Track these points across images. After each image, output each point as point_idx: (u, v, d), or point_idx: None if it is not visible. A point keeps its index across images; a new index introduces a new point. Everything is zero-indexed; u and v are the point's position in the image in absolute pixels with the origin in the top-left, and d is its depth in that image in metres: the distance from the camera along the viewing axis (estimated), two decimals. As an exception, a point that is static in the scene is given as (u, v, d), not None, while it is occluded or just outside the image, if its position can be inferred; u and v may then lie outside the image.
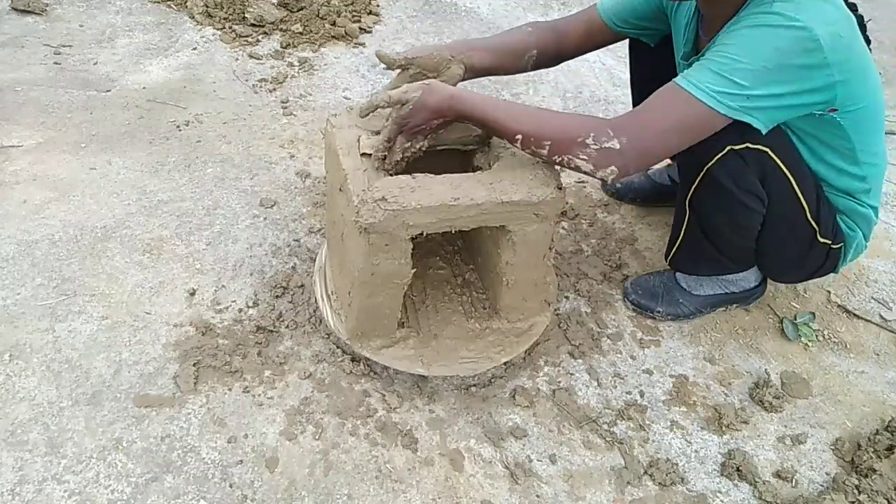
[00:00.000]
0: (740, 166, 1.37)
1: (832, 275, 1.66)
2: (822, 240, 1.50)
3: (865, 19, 1.37)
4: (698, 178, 1.43)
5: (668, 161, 2.05)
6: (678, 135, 1.28)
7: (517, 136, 1.31)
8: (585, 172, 1.29)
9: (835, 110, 1.33)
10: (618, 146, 1.25)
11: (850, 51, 1.26)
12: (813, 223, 1.47)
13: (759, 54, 1.22)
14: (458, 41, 1.59)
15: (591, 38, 1.68)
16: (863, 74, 1.32)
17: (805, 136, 1.40)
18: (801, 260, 1.57)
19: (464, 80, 1.53)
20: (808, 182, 1.44)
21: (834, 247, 1.53)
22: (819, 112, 1.33)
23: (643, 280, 1.78)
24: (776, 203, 1.43)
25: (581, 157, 1.27)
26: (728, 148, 1.34)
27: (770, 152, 1.36)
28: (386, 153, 1.37)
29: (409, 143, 1.36)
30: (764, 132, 1.30)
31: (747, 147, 1.33)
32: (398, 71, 1.50)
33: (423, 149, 1.40)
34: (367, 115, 1.39)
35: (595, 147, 1.25)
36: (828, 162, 1.44)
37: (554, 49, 1.65)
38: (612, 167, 1.26)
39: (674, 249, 1.65)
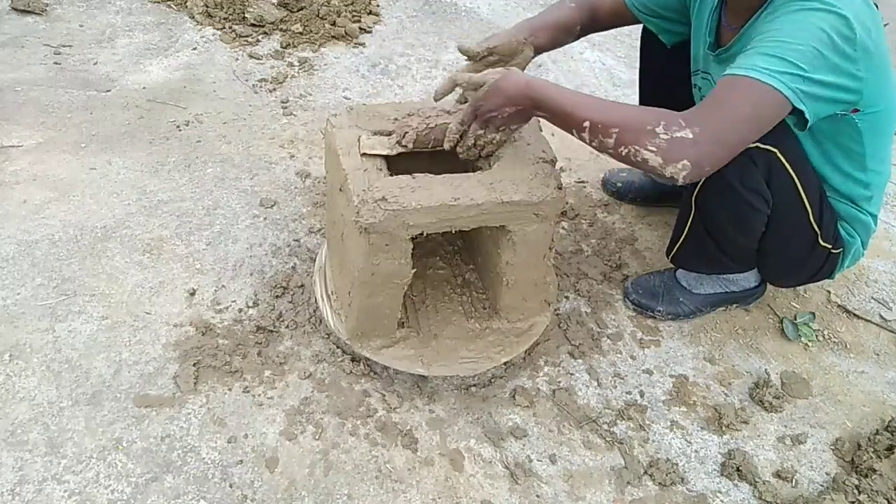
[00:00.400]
0: (748, 166, 1.36)
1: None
2: (822, 244, 1.50)
3: (883, 22, 1.36)
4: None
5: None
6: (751, 123, 1.20)
7: (585, 124, 1.23)
8: (654, 167, 1.17)
9: (857, 111, 1.32)
10: (691, 136, 1.15)
11: (875, 48, 1.24)
12: (815, 227, 1.47)
13: (808, 35, 1.18)
14: (523, 23, 1.60)
15: (619, 18, 1.69)
16: (884, 76, 1.31)
17: (822, 136, 1.39)
18: (801, 263, 1.57)
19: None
20: (813, 186, 1.44)
21: (833, 252, 1.53)
22: (842, 112, 1.31)
23: (643, 280, 1.78)
24: (780, 204, 1.43)
25: (650, 147, 1.16)
26: None
27: (778, 153, 1.36)
28: (459, 137, 1.37)
29: (482, 131, 1.36)
30: (806, 127, 1.24)
31: (756, 147, 1.33)
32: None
33: (497, 143, 1.40)
34: (443, 96, 1.40)
35: (665, 137, 1.15)
36: (837, 165, 1.44)
37: (589, 24, 1.67)
38: (685, 161, 1.15)
39: (676, 246, 1.65)
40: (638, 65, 1.90)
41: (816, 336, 1.74)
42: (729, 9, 1.46)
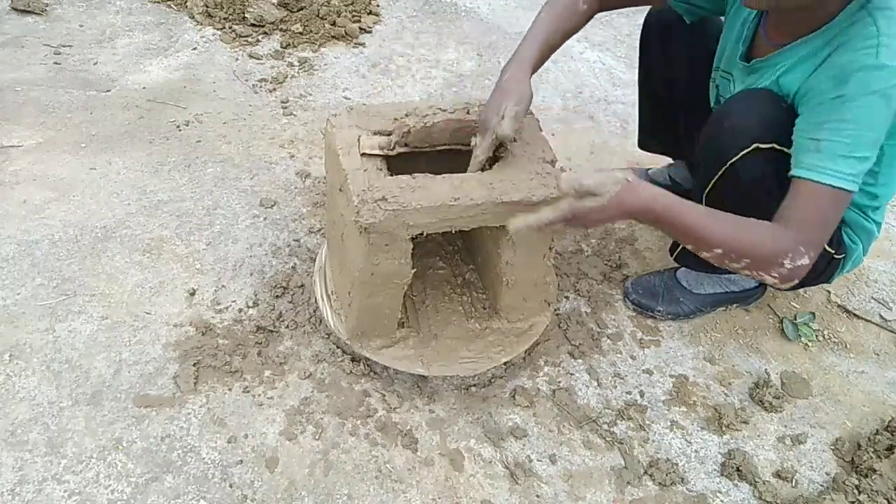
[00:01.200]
0: (763, 165, 1.35)
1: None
2: (826, 248, 1.50)
3: None
4: (720, 173, 1.41)
5: (669, 160, 2.05)
6: (834, 226, 1.28)
7: (717, 250, 1.23)
8: (766, 284, 1.26)
9: None
10: (807, 262, 1.22)
11: None
12: None
13: (877, 124, 1.21)
14: (532, 46, 1.45)
15: None
16: None
17: None
18: None
19: None
20: None
21: (836, 257, 1.53)
22: None
23: (643, 279, 1.78)
24: None
25: (773, 274, 1.23)
26: (755, 145, 1.33)
27: None
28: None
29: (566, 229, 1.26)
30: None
31: (773, 147, 1.32)
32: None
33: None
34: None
35: (790, 266, 1.21)
36: None
37: (598, 8, 1.58)
38: (796, 280, 1.24)
39: (680, 244, 1.65)
40: (637, 65, 1.90)
41: (816, 336, 1.74)
42: (771, 24, 1.42)
